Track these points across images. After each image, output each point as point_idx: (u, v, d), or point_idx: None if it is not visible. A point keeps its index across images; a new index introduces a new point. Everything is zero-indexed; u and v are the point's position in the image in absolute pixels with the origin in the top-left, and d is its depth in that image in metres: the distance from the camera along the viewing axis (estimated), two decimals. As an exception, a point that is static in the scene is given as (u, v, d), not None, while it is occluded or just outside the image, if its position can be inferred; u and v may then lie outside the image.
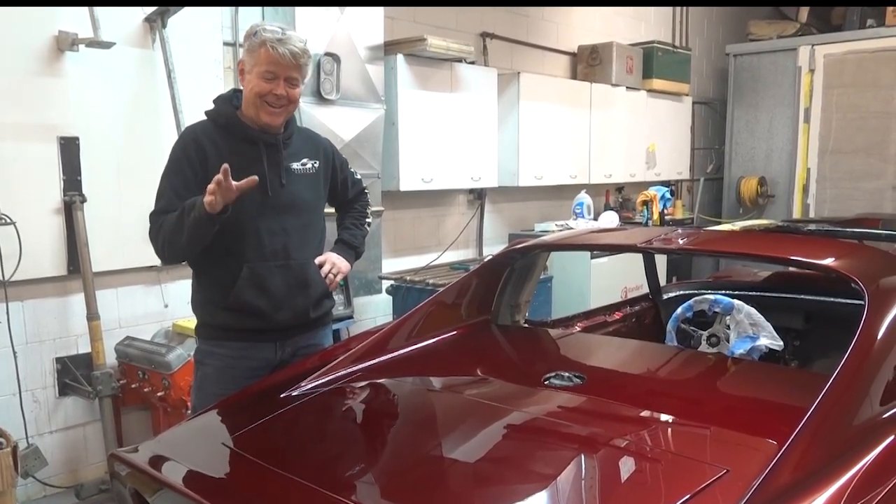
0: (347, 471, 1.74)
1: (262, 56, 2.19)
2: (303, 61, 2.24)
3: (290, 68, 2.21)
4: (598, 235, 3.30)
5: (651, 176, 6.94)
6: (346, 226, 2.63)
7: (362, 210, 2.67)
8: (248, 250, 2.26)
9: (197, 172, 2.22)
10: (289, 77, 2.22)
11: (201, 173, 2.21)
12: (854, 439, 1.55)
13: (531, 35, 6.04)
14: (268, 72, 2.19)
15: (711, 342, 2.84)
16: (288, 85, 2.22)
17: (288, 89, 2.23)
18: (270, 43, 2.17)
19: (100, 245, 3.46)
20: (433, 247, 5.35)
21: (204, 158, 2.23)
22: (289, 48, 2.18)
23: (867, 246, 2.65)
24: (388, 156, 4.55)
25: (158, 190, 2.26)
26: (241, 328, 2.31)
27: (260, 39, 2.19)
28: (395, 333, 2.41)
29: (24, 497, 3.44)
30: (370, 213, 2.71)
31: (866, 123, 7.07)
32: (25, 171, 3.31)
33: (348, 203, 2.65)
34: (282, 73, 2.20)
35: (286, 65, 2.19)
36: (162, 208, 2.22)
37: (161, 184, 2.26)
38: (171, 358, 3.40)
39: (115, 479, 1.89)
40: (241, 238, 2.26)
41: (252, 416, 1.97)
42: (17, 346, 3.34)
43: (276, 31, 2.21)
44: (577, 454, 1.66)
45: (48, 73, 3.33)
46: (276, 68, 2.19)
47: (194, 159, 2.22)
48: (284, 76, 2.21)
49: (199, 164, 2.22)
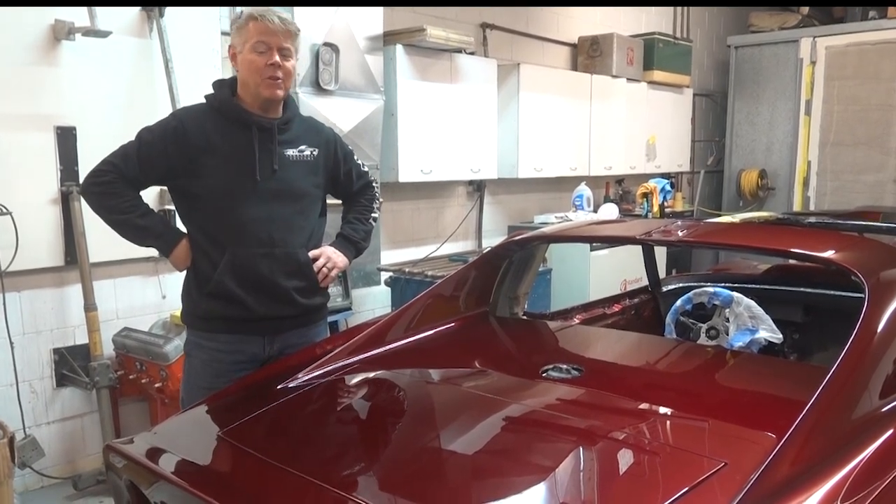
0: (344, 462, 1.73)
1: (251, 29, 2.20)
2: (292, 28, 2.24)
3: (280, 37, 2.20)
4: (598, 227, 3.28)
5: (651, 168, 6.92)
6: (348, 220, 2.57)
7: (368, 204, 2.59)
8: (231, 236, 2.25)
9: (169, 154, 2.22)
10: (281, 47, 2.21)
11: (175, 157, 2.22)
12: (853, 433, 1.54)
13: (531, 26, 6.01)
14: (259, 42, 2.19)
15: (710, 335, 2.84)
16: (281, 56, 2.21)
17: (282, 60, 2.21)
18: (258, 13, 2.19)
19: (97, 235, 3.42)
20: (432, 238, 5.34)
21: (184, 142, 2.22)
22: (276, 16, 2.20)
23: (868, 238, 2.64)
24: (387, 147, 4.53)
25: (127, 146, 2.26)
26: (225, 317, 2.29)
27: (246, 15, 2.22)
28: (393, 325, 2.39)
29: (21, 488, 3.44)
30: (377, 208, 2.63)
31: (867, 116, 7.05)
32: (22, 161, 3.29)
33: (353, 196, 2.58)
34: (274, 43, 2.20)
35: (276, 32, 2.19)
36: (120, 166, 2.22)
37: (132, 143, 2.26)
38: (169, 349, 3.39)
39: (111, 471, 1.88)
40: (226, 223, 2.25)
41: (248, 408, 1.96)
42: (15, 337, 3.33)
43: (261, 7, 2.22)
44: (574, 447, 1.65)
45: (45, 63, 3.31)
46: (267, 38, 2.19)
47: (170, 142, 2.22)
48: (276, 46, 2.20)
49: (175, 148, 2.22)
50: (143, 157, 2.23)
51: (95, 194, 2.26)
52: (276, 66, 2.20)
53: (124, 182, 2.24)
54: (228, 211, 2.23)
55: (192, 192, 2.27)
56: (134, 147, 2.25)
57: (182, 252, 2.31)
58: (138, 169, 2.23)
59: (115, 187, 2.23)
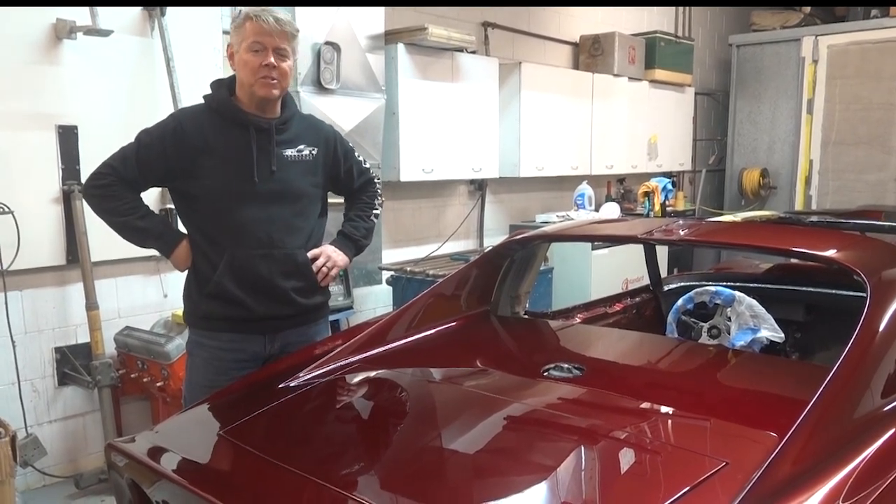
0: (345, 461, 1.73)
1: (247, 29, 2.19)
2: (288, 29, 2.23)
3: (276, 37, 2.19)
4: (599, 226, 3.28)
5: (653, 167, 6.92)
6: (349, 217, 2.57)
7: (369, 201, 2.58)
8: (230, 237, 2.25)
9: (168, 156, 2.23)
10: (277, 48, 2.21)
11: (173, 158, 2.23)
12: (855, 432, 1.54)
13: (533, 25, 6.01)
14: (255, 42, 2.19)
15: (712, 334, 2.83)
16: (277, 57, 2.21)
17: (278, 61, 2.21)
18: (254, 13, 2.18)
19: (99, 234, 3.41)
20: (433, 237, 5.33)
21: (182, 143, 2.22)
22: (273, 16, 2.19)
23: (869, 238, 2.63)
24: (389, 146, 4.52)
25: (126, 148, 2.27)
26: (226, 317, 2.29)
27: (244, 15, 2.21)
28: (394, 324, 2.39)
29: (23, 486, 3.44)
30: (379, 205, 2.62)
31: (869, 115, 7.04)
32: (24, 160, 3.29)
33: (355, 193, 2.57)
34: (269, 44, 2.19)
35: (272, 32, 2.18)
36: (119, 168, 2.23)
37: (131, 145, 2.27)
38: (171, 348, 3.40)
39: (113, 470, 1.88)
40: (225, 225, 2.25)
41: (250, 407, 1.96)
42: (17, 336, 3.34)
43: (259, 7, 2.22)
44: (576, 446, 1.65)
45: (46, 62, 3.31)
46: (262, 38, 2.18)
47: (169, 143, 2.23)
48: (272, 46, 2.20)
49: (174, 150, 2.23)
50: (141, 159, 2.24)
51: (95, 197, 2.27)
52: (270, 66, 2.19)
53: (123, 184, 2.24)
54: (227, 212, 2.24)
55: (191, 194, 2.27)
56: (132, 149, 2.26)
57: (182, 252, 2.32)
58: (137, 171, 2.24)
59: (114, 190, 2.24)
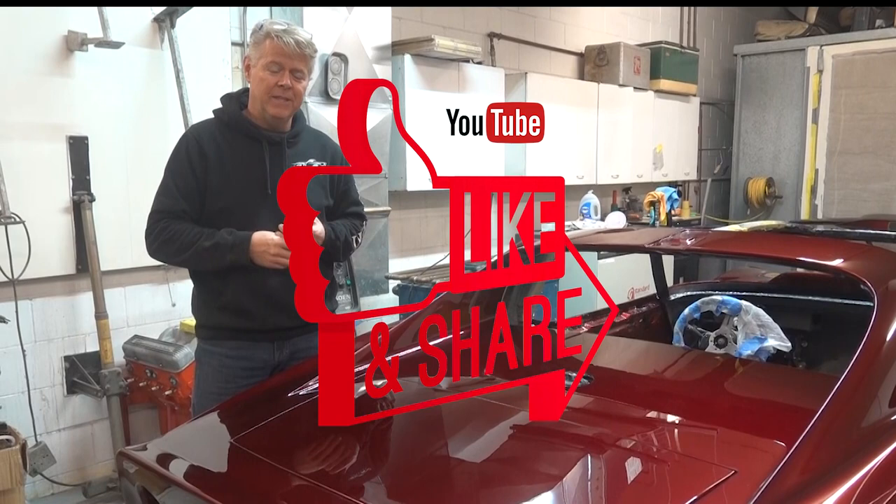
0: (355, 470, 1.74)
1: (266, 48, 2.20)
2: (307, 52, 2.23)
3: (294, 59, 2.21)
4: (606, 236, 3.29)
5: (658, 176, 6.92)
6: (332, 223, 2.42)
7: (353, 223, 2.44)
8: None
9: (197, 175, 2.23)
10: (294, 69, 2.22)
11: (202, 175, 2.23)
12: (862, 441, 1.55)
13: (538, 35, 6.04)
14: (273, 62, 2.20)
15: (719, 343, 2.83)
16: (293, 77, 2.22)
17: (293, 82, 2.22)
18: (275, 33, 2.18)
19: (108, 244, 3.47)
20: (440, 247, 5.34)
21: (204, 159, 2.23)
22: (293, 38, 2.19)
23: (876, 247, 2.64)
24: (396, 156, 4.55)
25: (161, 188, 2.27)
26: (237, 328, 2.30)
27: (265, 32, 2.20)
28: (401, 333, 2.40)
29: (32, 494, 3.46)
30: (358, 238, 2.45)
31: (875, 124, 7.04)
32: (35, 170, 3.33)
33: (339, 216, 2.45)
34: (287, 65, 2.20)
35: (291, 55, 2.19)
36: (165, 209, 2.23)
37: (163, 182, 2.27)
38: (179, 357, 3.41)
39: (124, 477, 1.90)
40: None
41: (260, 415, 1.98)
42: (26, 345, 3.36)
43: (281, 24, 2.22)
44: (584, 455, 1.66)
45: (57, 73, 3.35)
46: (281, 59, 2.19)
47: (195, 160, 2.23)
48: (290, 67, 2.21)
49: (200, 165, 2.23)
50: (180, 186, 2.23)
51: (158, 247, 2.23)
52: (285, 87, 2.21)
53: (173, 219, 2.22)
54: (242, 225, 2.23)
55: (206, 207, 2.27)
56: (168, 184, 2.25)
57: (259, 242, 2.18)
58: (182, 200, 2.22)
59: (169, 230, 2.20)
